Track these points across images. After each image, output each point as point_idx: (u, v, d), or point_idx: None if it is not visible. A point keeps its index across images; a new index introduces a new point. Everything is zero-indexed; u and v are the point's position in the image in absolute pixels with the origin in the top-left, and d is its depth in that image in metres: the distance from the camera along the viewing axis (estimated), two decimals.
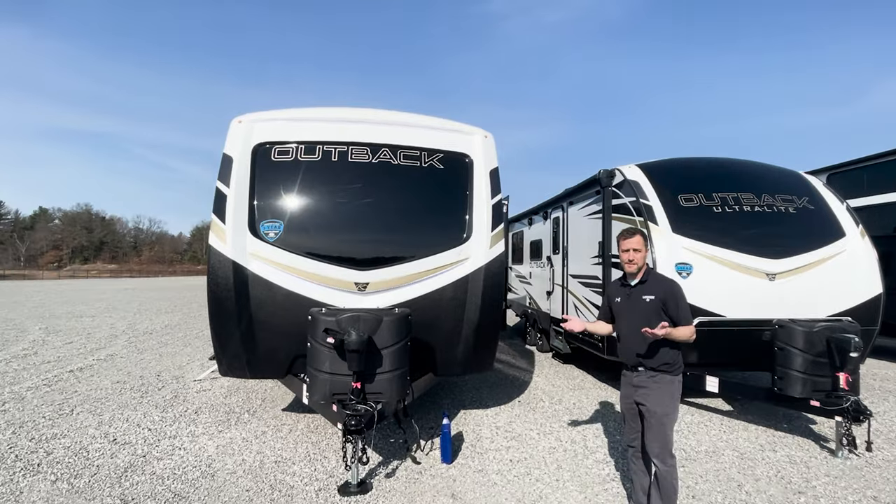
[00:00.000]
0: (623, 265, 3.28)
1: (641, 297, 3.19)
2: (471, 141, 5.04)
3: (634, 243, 3.19)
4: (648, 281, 3.23)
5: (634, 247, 3.18)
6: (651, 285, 3.21)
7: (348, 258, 4.52)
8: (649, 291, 3.18)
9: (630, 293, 3.27)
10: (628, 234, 3.25)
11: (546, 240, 9.42)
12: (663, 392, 3.09)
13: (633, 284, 3.27)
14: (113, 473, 3.95)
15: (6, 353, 9.28)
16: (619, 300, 3.35)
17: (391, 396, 3.89)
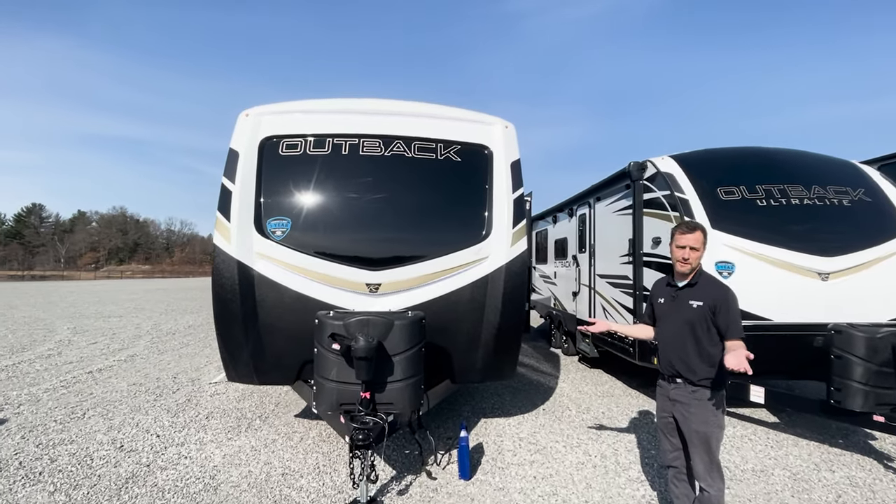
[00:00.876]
0: (675, 263, 2.91)
1: (688, 302, 2.83)
2: (490, 131, 4.69)
3: (692, 240, 2.82)
4: (699, 284, 2.86)
5: (692, 245, 2.81)
6: (701, 289, 2.83)
7: (359, 257, 4.24)
8: (698, 296, 2.81)
9: (676, 295, 2.92)
10: (687, 228, 2.87)
11: (572, 238, 8.99)
12: (705, 409, 2.75)
13: (680, 286, 2.91)
14: (113, 485, 3.76)
15: (31, 354, 9.37)
16: (663, 301, 3.01)
17: (404, 407, 3.58)
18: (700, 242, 2.82)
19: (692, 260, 2.83)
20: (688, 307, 2.83)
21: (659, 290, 3.08)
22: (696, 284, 2.86)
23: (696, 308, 2.79)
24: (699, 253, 2.83)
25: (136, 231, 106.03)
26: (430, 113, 4.68)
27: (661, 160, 5.87)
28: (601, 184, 7.45)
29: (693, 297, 2.82)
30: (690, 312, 2.81)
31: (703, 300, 2.78)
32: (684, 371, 2.81)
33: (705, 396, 2.75)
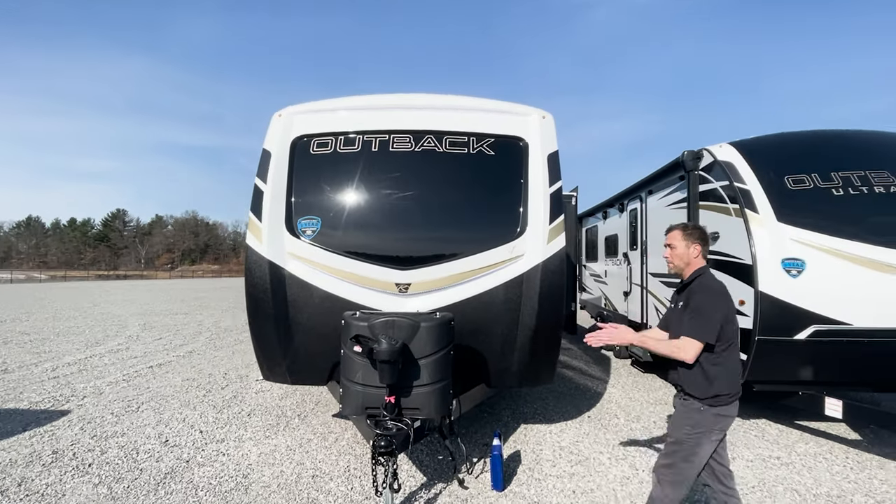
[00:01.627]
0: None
1: (678, 304, 2.77)
2: (526, 122, 4.44)
3: (668, 238, 2.85)
4: (690, 285, 2.74)
5: (668, 242, 2.84)
6: (688, 290, 2.73)
7: (388, 256, 4.13)
8: (683, 297, 2.73)
9: (677, 296, 2.84)
10: (668, 228, 2.89)
11: (622, 234, 8.50)
12: (685, 416, 2.64)
13: (680, 286, 2.84)
14: (153, 479, 3.86)
15: (103, 348, 10.05)
16: (673, 306, 2.89)
17: (430, 412, 3.42)
18: (677, 239, 2.78)
19: (671, 257, 2.82)
20: (677, 309, 2.76)
21: (674, 294, 2.95)
22: (688, 286, 2.74)
23: (679, 309, 2.71)
24: (678, 251, 2.78)
25: (206, 233, 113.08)
26: (462, 105, 4.49)
27: (719, 148, 5.37)
28: (653, 176, 6.97)
29: (681, 298, 2.74)
30: (677, 315, 2.73)
31: (684, 300, 2.69)
32: (678, 380, 2.70)
33: (690, 407, 2.62)
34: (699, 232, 2.79)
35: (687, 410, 2.62)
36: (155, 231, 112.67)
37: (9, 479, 3.82)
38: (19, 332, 12.24)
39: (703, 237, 2.78)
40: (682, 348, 2.53)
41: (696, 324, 2.54)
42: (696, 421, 2.57)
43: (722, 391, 2.54)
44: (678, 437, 2.63)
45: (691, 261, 2.76)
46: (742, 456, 4.41)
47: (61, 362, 8.48)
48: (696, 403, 2.57)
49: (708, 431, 2.56)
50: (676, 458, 2.62)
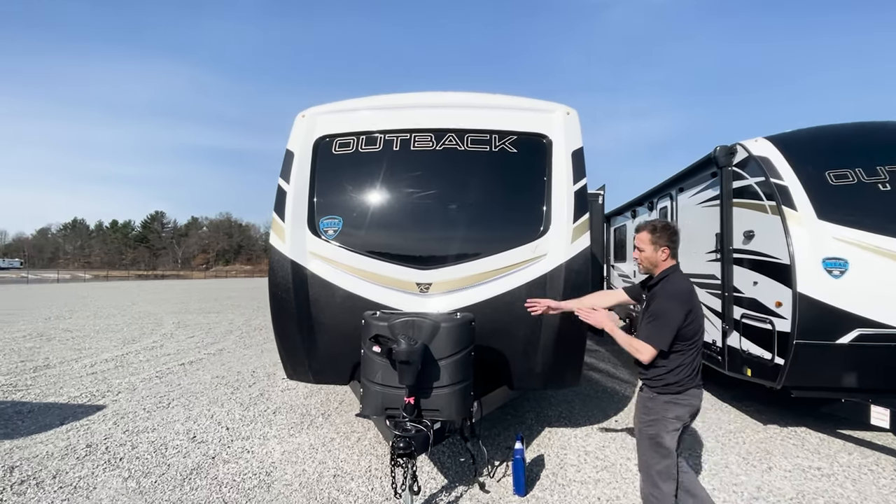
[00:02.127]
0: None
1: (647, 304, 2.82)
2: (549, 119, 4.34)
3: (637, 241, 2.88)
4: (657, 286, 2.79)
5: (636, 244, 2.88)
6: (654, 291, 2.78)
7: (409, 256, 4.10)
8: (650, 298, 2.79)
9: (644, 297, 2.92)
10: (637, 229, 2.93)
11: None
12: (639, 407, 2.82)
13: (648, 285, 2.90)
14: (179, 475, 3.94)
15: (139, 345, 10.39)
16: (645, 298, 2.93)
17: (450, 414, 3.37)
18: (644, 242, 2.80)
19: (640, 259, 2.86)
20: (644, 309, 2.81)
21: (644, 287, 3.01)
22: (655, 286, 2.79)
23: (643, 309, 2.81)
24: (645, 253, 2.81)
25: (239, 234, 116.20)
26: (484, 103, 4.43)
27: (754, 142, 5.14)
28: (684, 173, 6.74)
29: (649, 299, 2.80)
30: (641, 313, 2.84)
31: (648, 300, 2.78)
32: (639, 372, 2.81)
33: (644, 396, 2.77)
34: (668, 233, 2.79)
35: (641, 400, 2.79)
36: (191, 232, 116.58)
37: (45, 472, 3.96)
38: (62, 328, 12.79)
39: (671, 238, 2.79)
40: (639, 350, 2.65)
41: (651, 330, 2.64)
42: (649, 409, 2.71)
43: (670, 380, 2.65)
44: (637, 428, 2.79)
45: (659, 262, 2.80)
46: (780, 466, 4.20)
47: (99, 358, 8.81)
48: (648, 392, 2.74)
49: (662, 420, 2.66)
50: (644, 450, 2.73)
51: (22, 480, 3.79)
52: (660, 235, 2.77)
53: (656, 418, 2.67)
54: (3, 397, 6.14)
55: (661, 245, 2.77)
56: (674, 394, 2.65)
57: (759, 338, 4.81)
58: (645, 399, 2.75)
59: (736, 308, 5.23)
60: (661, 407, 2.66)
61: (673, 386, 2.65)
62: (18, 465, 4.08)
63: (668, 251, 2.77)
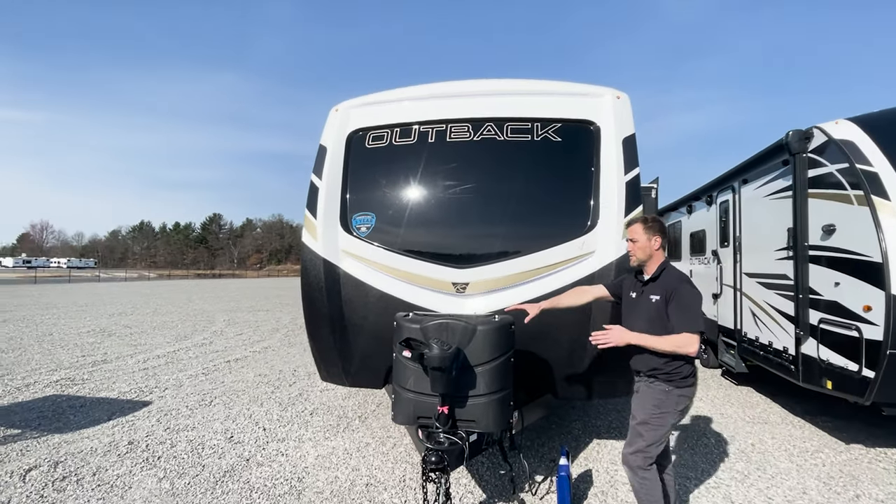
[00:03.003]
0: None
1: (649, 297, 2.78)
2: (598, 104, 3.98)
3: (630, 233, 2.88)
4: (660, 278, 2.79)
5: (630, 236, 2.87)
6: (660, 284, 2.77)
7: (444, 254, 3.86)
8: (657, 291, 2.75)
9: (642, 290, 2.87)
10: (628, 223, 2.95)
11: (711, 230, 7.64)
12: (648, 397, 2.77)
13: (645, 280, 2.87)
14: (212, 477, 3.88)
15: (190, 342, 10.72)
16: (634, 295, 2.92)
17: (487, 425, 3.09)
18: (638, 233, 2.82)
19: (633, 251, 2.85)
20: (648, 302, 2.77)
21: (630, 283, 3.01)
22: (657, 279, 2.79)
23: (654, 302, 2.73)
24: (639, 244, 2.82)
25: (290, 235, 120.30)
26: (525, 89, 4.12)
27: (835, 125, 4.55)
28: (749, 162, 6.15)
29: (653, 292, 2.76)
30: (648, 307, 2.76)
31: (660, 294, 2.72)
32: (643, 367, 2.79)
33: (658, 388, 2.73)
34: (659, 224, 2.86)
35: (653, 392, 2.74)
36: (246, 233, 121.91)
37: (86, 468, 4.00)
38: (123, 325, 13.45)
39: (662, 229, 2.85)
40: (687, 344, 2.58)
41: (690, 317, 2.62)
42: (661, 401, 2.70)
43: (686, 372, 2.69)
44: (644, 418, 2.73)
45: (654, 253, 2.82)
46: (869, 494, 3.66)
47: (152, 354, 9.12)
48: (663, 385, 2.70)
49: (672, 412, 2.71)
50: (644, 440, 2.71)
51: (64, 476, 3.83)
52: (651, 225, 2.83)
53: (667, 412, 2.71)
54: (60, 391, 6.40)
55: (653, 234, 2.81)
56: (688, 386, 2.72)
57: (842, 346, 4.24)
58: (658, 392, 2.72)
59: (812, 312, 4.65)
60: (675, 401, 2.71)
61: (689, 378, 2.71)
62: (63, 460, 4.15)
63: (660, 240, 2.82)
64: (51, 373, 7.43)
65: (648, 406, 2.74)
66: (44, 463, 4.07)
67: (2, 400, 5.95)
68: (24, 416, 5.32)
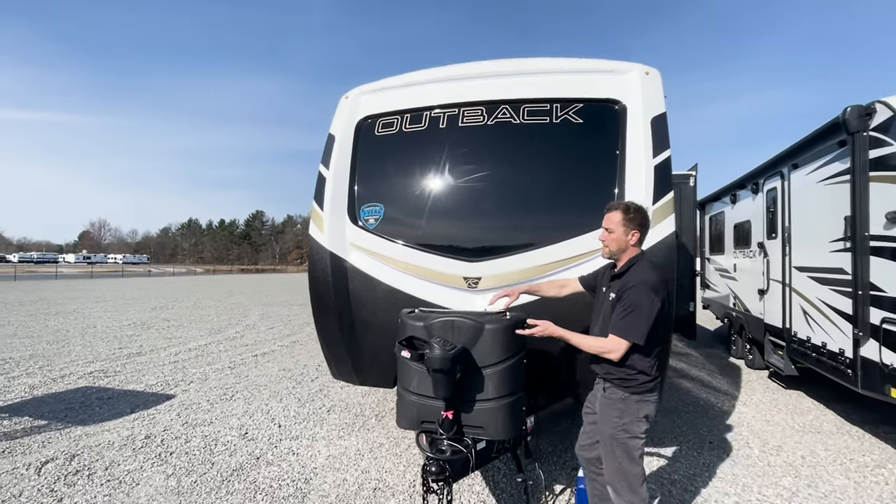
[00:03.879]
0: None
1: (609, 294, 2.58)
2: (623, 81, 3.63)
3: (607, 221, 2.63)
4: (625, 275, 2.54)
5: (606, 225, 2.62)
6: (622, 280, 2.52)
7: (455, 247, 3.62)
8: (616, 288, 2.53)
9: (608, 285, 2.64)
10: (606, 209, 2.67)
11: (757, 220, 7.06)
12: (610, 409, 2.54)
13: (614, 274, 2.63)
14: (220, 476, 3.79)
15: (222, 335, 10.92)
16: (604, 290, 2.68)
17: (496, 432, 2.84)
18: (614, 222, 2.57)
19: (607, 242, 2.61)
20: (606, 299, 2.58)
21: (603, 276, 2.75)
22: (623, 274, 2.54)
23: (610, 301, 2.54)
24: (614, 236, 2.57)
25: None
26: (543, 68, 3.81)
27: None
28: (799, 145, 5.60)
29: (613, 289, 2.54)
30: (607, 306, 2.57)
31: (616, 291, 2.50)
32: (598, 369, 2.61)
33: (613, 397, 2.52)
34: (641, 217, 2.59)
35: (611, 402, 2.52)
36: (287, 230, 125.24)
37: (99, 462, 4.00)
38: (163, 318, 13.90)
39: (643, 223, 2.60)
40: (610, 350, 2.42)
41: (627, 323, 2.39)
42: (622, 411, 2.48)
43: (644, 378, 2.46)
44: (610, 434, 2.50)
45: (628, 248, 2.58)
46: None
47: (185, 348, 9.31)
48: (619, 392, 2.49)
49: (635, 421, 2.47)
50: (619, 457, 2.48)
51: (77, 470, 3.84)
52: (633, 217, 2.56)
53: (630, 420, 2.47)
54: (92, 383, 6.56)
55: (632, 228, 2.56)
56: (647, 391, 2.48)
57: None
58: (616, 401, 2.50)
59: (873, 310, 4.14)
60: (635, 407, 2.48)
61: (648, 384, 2.48)
62: (80, 453, 4.18)
63: (637, 235, 2.58)
64: (87, 364, 7.66)
65: (610, 418, 2.51)
66: (61, 456, 4.10)
67: (37, 390, 6.14)
68: (53, 407, 5.45)
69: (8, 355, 8.25)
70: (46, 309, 15.71)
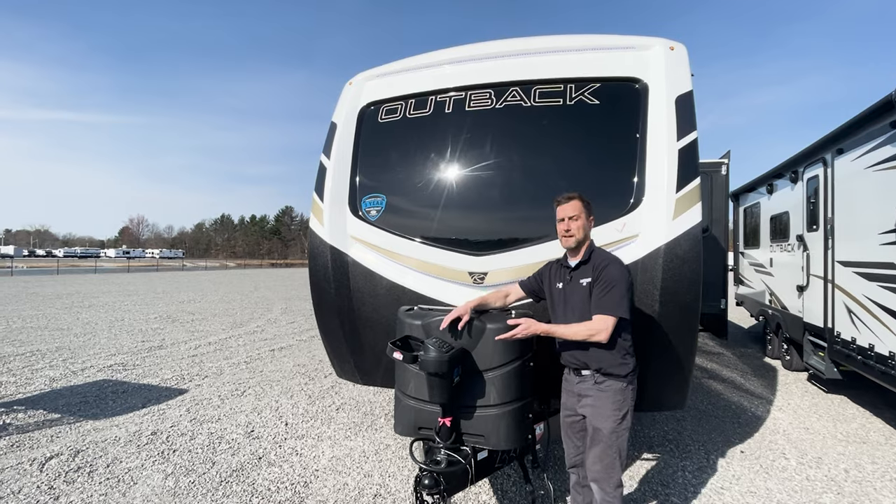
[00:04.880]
0: (561, 240, 2.63)
1: (579, 282, 2.51)
2: (645, 58, 3.30)
3: (570, 210, 2.56)
4: (590, 260, 2.54)
5: (570, 214, 2.56)
6: (591, 265, 2.52)
7: (459, 239, 3.38)
8: (587, 273, 2.50)
9: (570, 277, 2.58)
10: (563, 199, 2.61)
11: (796, 211, 6.56)
12: (605, 401, 2.45)
13: (573, 266, 2.58)
14: (219, 476, 3.68)
15: (243, 329, 10.98)
16: (560, 286, 2.61)
17: (498, 442, 2.61)
18: (580, 209, 2.55)
19: (574, 230, 2.53)
20: (579, 288, 2.50)
21: (554, 273, 2.69)
22: (587, 262, 2.53)
23: (584, 286, 2.48)
24: (581, 222, 2.54)
25: None
26: (557, 46, 3.51)
27: None
28: (845, 128, 5.12)
29: (583, 276, 2.51)
30: (583, 293, 2.48)
31: (590, 276, 2.48)
32: (589, 361, 2.48)
33: (612, 388, 2.44)
34: (590, 204, 2.62)
35: (610, 393, 2.44)
36: None
37: (103, 459, 3.95)
38: (188, 311, 14.13)
39: (592, 210, 2.63)
40: (598, 330, 2.36)
41: (610, 300, 2.36)
42: (620, 402, 2.43)
43: (630, 361, 2.47)
44: (611, 428, 2.41)
45: (588, 235, 2.60)
46: None
47: (205, 341, 9.37)
48: (618, 383, 2.44)
49: (629, 412, 2.46)
50: (611, 454, 2.41)
51: (79, 467, 3.79)
52: (587, 204, 2.58)
53: (627, 411, 2.44)
54: (110, 376, 6.61)
55: (590, 213, 2.59)
56: (634, 376, 2.49)
57: None
58: (615, 392, 2.43)
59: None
60: (630, 395, 2.46)
61: (635, 369, 2.49)
62: (85, 448, 4.14)
63: (593, 221, 2.63)
64: (109, 357, 7.76)
65: (608, 411, 2.43)
66: (66, 451, 4.07)
67: (57, 383, 6.21)
68: (69, 401, 5.48)
69: (36, 347, 8.46)
70: (80, 302, 16.21)
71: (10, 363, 7.21)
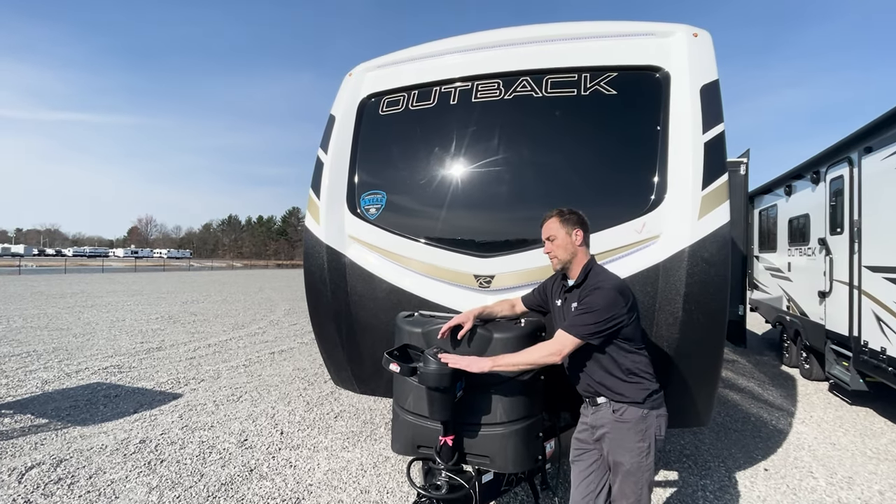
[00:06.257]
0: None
1: (571, 305, 2.26)
2: (666, 45, 3.05)
3: (545, 231, 2.38)
4: (584, 284, 2.26)
5: (547, 235, 2.36)
6: (583, 288, 2.24)
7: (464, 239, 3.14)
8: (577, 297, 2.24)
9: (566, 298, 2.35)
10: (541, 222, 2.41)
11: (817, 214, 6.27)
12: (625, 434, 2.13)
13: (570, 286, 2.33)
14: (206, 490, 3.46)
15: (244, 331, 10.79)
16: (559, 304, 2.40)
17: (504, 464, 2.36)
18: (554, 229, 2.33)
19: (554, 251, 2.34)
20: (570, 312, 2.24)
21: (556, 289, 2.46)
22: (581, 284, 2.27)
23: (573, 310, 2.22)
24: (558, 242, 2.32)
25: None
26: (570, 33, 3.27)
27: None
28: (873, 126, 4.84)
29: (574, 300, 2.26)
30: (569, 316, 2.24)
31: (577, 299, 2.23)
32: (602, 390, 2.21)
33: (634, 416, 2.14)
34: (576, 216, 2.36)
35: (631, 424, 2.14)
36: None
37: (86, 469, 3.74)
38: (190, 312, 13.97)
39: (581, 221, 2.36)
40: (551, 352, 2.12)
41: (577, 320, 2.15)
42: (643, 430, 2.14)
43: (652, 387, 2.18)
44: (636, 462, 2.12)
45: (577, 250, 2.32)
46: None
47: (204, 343, 9.18)
48: (637, 410, 2.15)
49: (656, 441, 2.17)
50: (637, 490, 2.13)
51: (60, 478, 3.58)
52: (568, 217, 2.34)
53: (651, 443, 2.15)
54: (104, 379, 6.42)
55: (572, 226, 2.32)
56: (661, 405, 2.21)
57: None
58: (637, 421, 2.13)
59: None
60: (655, 423, 2.17)
61: (657, 393, 2.20)
62: (69, 458, 3.93)
63: (581, 234, 2.33)
64: (105, 359, 7.58)
65: (631, 444, 2.14)
66: (48, 461, 3.86)
67: (49, 386, 6.03)
68: (59, 405, 5.29)
69: (33, 348, 8.30)
70: (84, 301, 16.12)
71: (5, 364, 7.04)
